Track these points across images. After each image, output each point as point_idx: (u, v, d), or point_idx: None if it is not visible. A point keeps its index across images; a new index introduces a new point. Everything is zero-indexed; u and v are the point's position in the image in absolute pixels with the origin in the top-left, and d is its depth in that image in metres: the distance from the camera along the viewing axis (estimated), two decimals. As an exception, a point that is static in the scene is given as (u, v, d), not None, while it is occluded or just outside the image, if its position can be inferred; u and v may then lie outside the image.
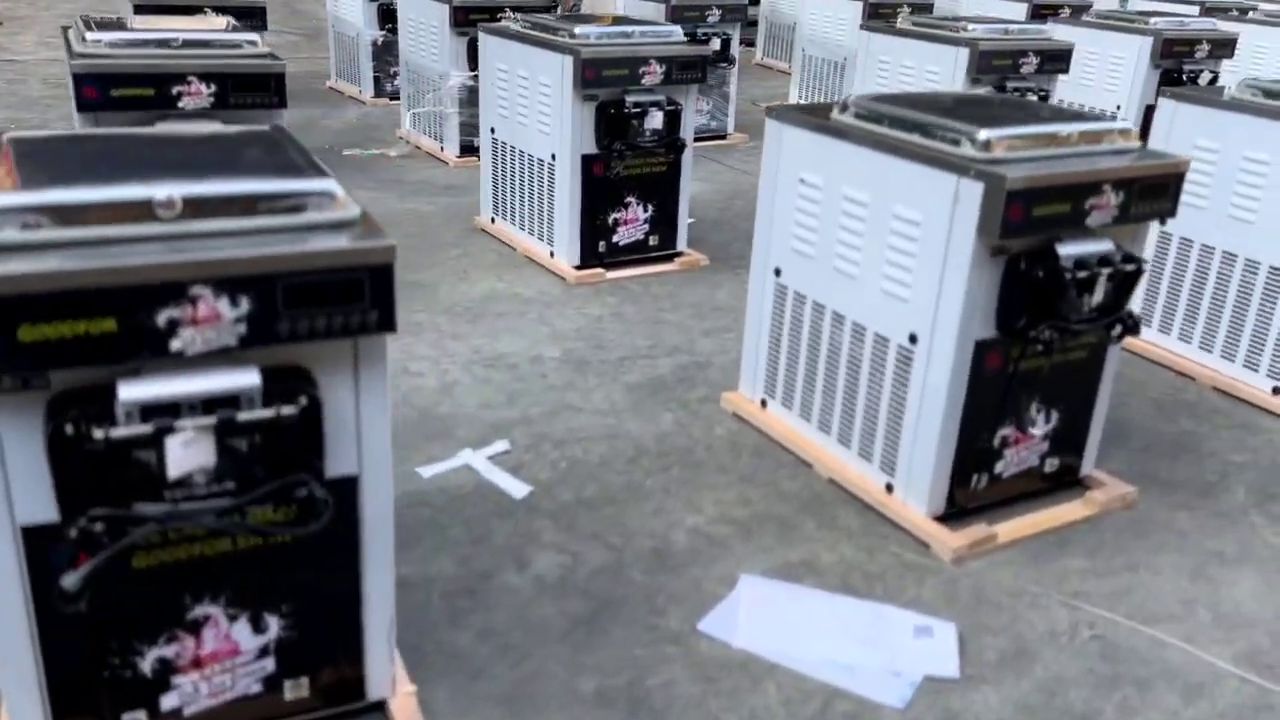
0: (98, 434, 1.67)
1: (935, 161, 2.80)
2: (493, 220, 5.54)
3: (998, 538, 2.98)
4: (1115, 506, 3.19)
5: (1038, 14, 9.06)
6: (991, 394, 2.93)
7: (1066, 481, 3.26)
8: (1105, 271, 2.81)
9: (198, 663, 2.01)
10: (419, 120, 7.25)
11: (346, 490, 2.01)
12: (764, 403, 3.61)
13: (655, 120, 4.78)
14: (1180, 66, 6.83)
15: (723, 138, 7.95)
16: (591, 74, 4.61)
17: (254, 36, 3.88)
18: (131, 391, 1.69)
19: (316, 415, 1.86)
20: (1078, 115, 3.03)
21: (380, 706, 2.23)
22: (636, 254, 5.08)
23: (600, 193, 4.90)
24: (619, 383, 3.86)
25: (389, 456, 2.04)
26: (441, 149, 7.07)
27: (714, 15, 7.54)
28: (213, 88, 3.74)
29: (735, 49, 7.78)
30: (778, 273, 3.45)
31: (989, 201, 2.66)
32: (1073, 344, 2.99)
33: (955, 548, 2.90)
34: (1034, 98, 5.65)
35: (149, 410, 1.70)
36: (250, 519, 1.89)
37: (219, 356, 1.74)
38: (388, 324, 1.86)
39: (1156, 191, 2.88)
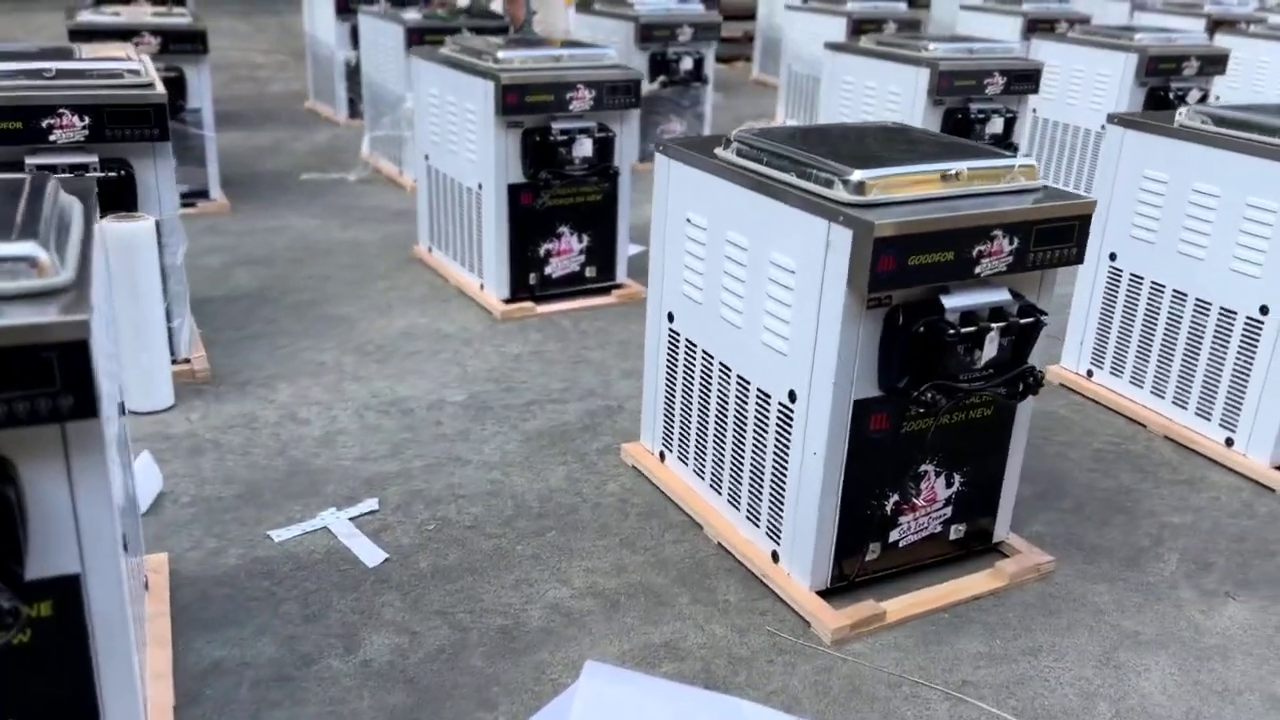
0: None
1: (808, 204, 2.54)
2: (430, 250, 5.33)
3: (886, 616, 2.70)
4: (1028, 578, 2.90)
5: (1034, 28, 8.78)
6: (879, 457, 2.65)
7: (977, 549, 2.97)
8: (997, 326, 2.53)
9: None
10: (378, 143, 7.05)
11: (66, 591, 1.78)
12: (662, 455, 3.35)
13: (585, 148, 4.54)
14: (1167, 84, 6.51)
15: None
16: (514, 100, 4.38)
17: (138, 65, 3.67)
18: None
19: (7, 512, 1.62)
20: (974, 151, 2.75)
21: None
22: (572, 286, 4.84)
23: (530, 223, 4.66)
24: (518, 431, 3.61)
25: (118, 549, 1.81)
26: (400, 173, 6.87)
27: (685, 34, 7.30)
28: (86, 120, 3.54)
29: (709, 68, 7.52)
30: (670, 318, 3.19)
31: (858, 250, 2.40)
32: (973, 401, 2.71)
33: (836, 628, 2.62)
34: (999, 120, 5.36)
35: None
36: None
37: None
38: (85, 409, 1.63)
39: (1059, 236, 2.60)
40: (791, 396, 2.69)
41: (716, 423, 3.02)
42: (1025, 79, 5.51)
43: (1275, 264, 3.36)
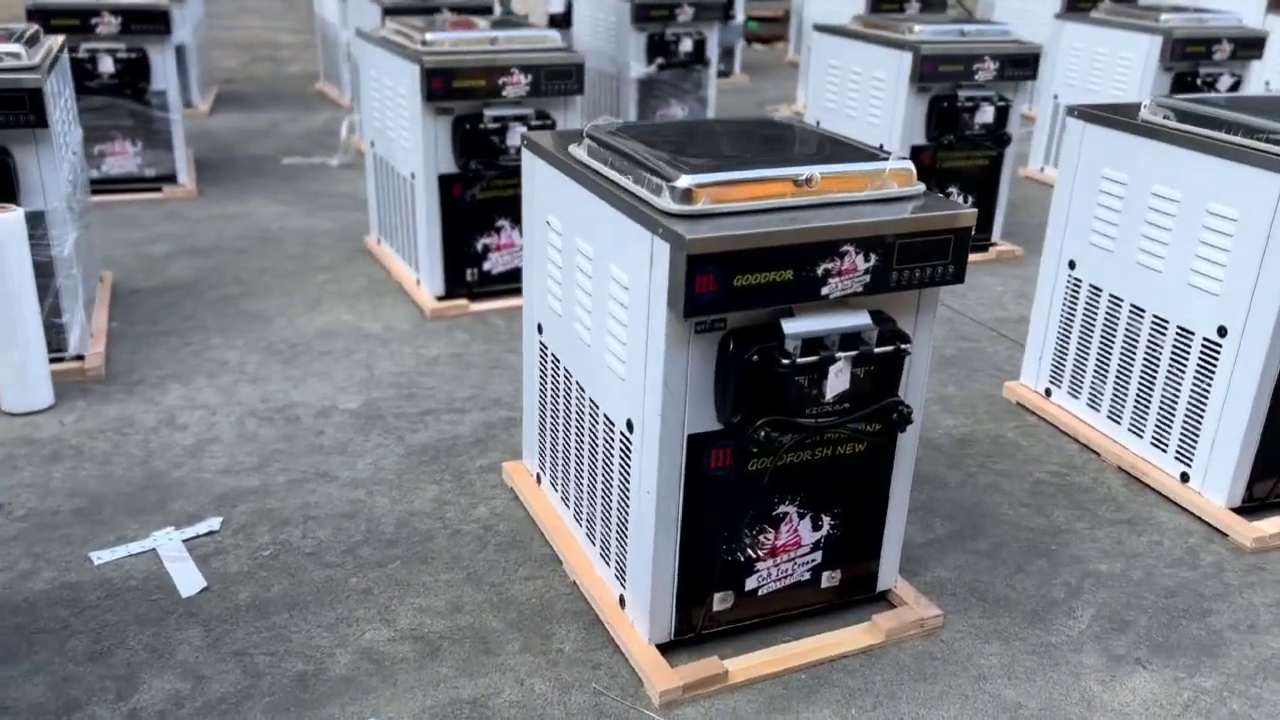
0: None
1: (635, 213, 2.23)
2: (379, 242, 5.10)
3: (729, 676, 2.40)
4: (908, 634, 2.57)
5: (1074, 7, 8.29)
6: (723, 497, 2.35)
7: (858, 599, 2.65)
8: (846, 355, 2.21)
9: None
10: (357, 127, 6.84)
11: None
12: (538, 478, 3.07)
13: (518, 137, 4.25)
14: (1195, 69, 6.04)
15: None
16: (439, 85, 4.12)
17: (18, 49, 3.47)
18: None
19: None
20: (844, 154, 2.41)
21: None
22: (514, 283, 4.56)
23: (465, 216, 4.40)
24: (402, 444, 3.36)
25: None
26: None
27: (685, 14, 6.95)
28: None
29: (712, 50, 7.17)
30: (540, 329, 2.91)
31: (675, 267, 2.09)
32: (837, 436, 2.38)
33: (666, 689, 2.33)
34: (990, 109, 4.96)
35: None
36: None
37: None
38: None
39: (930, 251, 2.26)
40: (630, 426, 2.39)
41: (576, 448, 2.74)
42: (1021, 64, 5.08)
43: (1235, 280, 2.96)
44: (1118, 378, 3.40)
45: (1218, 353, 3.03)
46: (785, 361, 2.16)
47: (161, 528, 2.90)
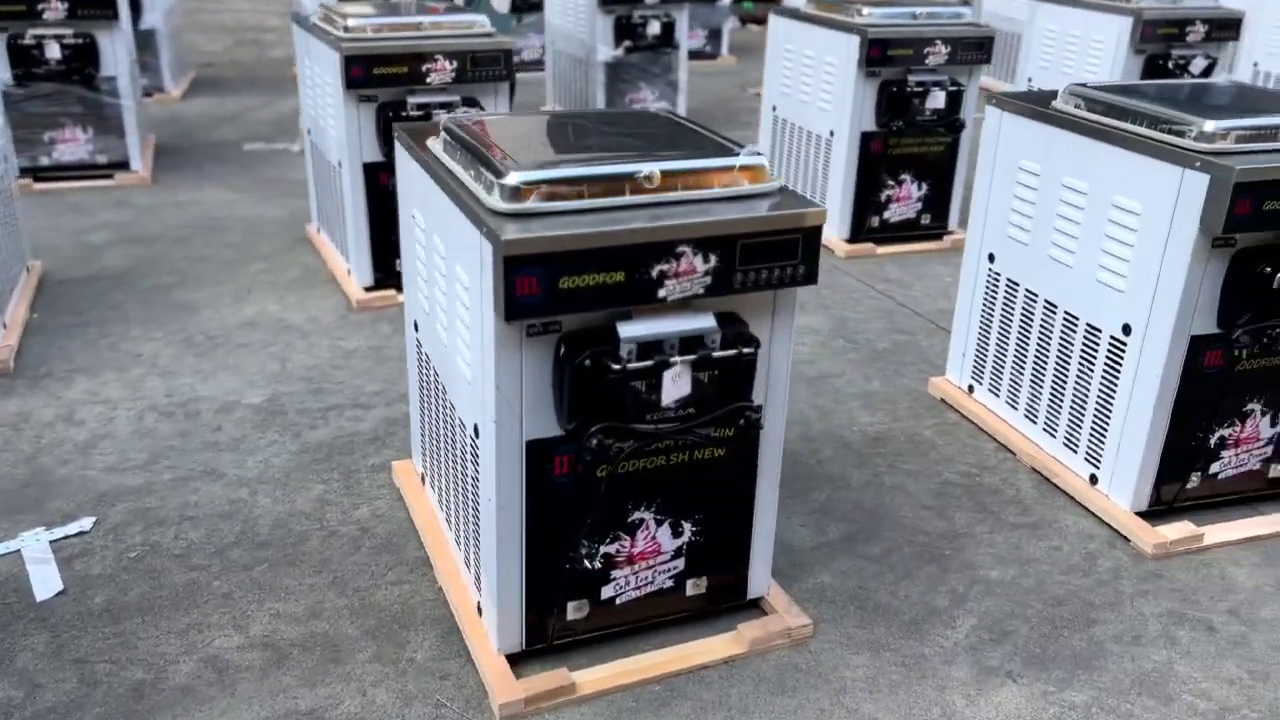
0: None
1: (469, 211, 2.15)
2: (318, 231, 5.04)
3: (577, 688, 2.33)
4: (775, 644, 2.49)
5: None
6: (569, 504, 2.28)
7: (726, 606, 2.57)
8: (684, 359, 2.12)
9: None
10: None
11: None
12: (424, 478, 3.01)
13: (443, 125, 4.16)
14: (1168, 51, 5.89)
15: None
16: (359, 72, 4.04)
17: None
18: None
19: None
20: (697, 150, 2.32)
21: None
22: (447, 273, 4.48)
23: (392, 205, 4.31)
24: (298, 441, 3.30)
25: None
26: None
27: (653, -4, 6.84)
28: None
29: (681, 33, 7.05)
30: (415, 326, 2.84)
31: (496, 270, 2.01)
32: (690, 441, 2.30)
33: (506, 702, 2.26)
34: (940, 94, 4.84)
35: None
36: None
37: None
38: None
39: (776, 251, 2.17)
40: (476, 431, 2.32)
41: (445, 449, 2.67)
42: (974, 47, 4.95)
43: (1138, 276, 2.85)
44: (1033, 375, 3.30)
45: (1123, 351, 2.92)
46: (616, 367, 2.08)
47: (32, 528, 2.84)
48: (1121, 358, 2.93)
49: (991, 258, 3.43)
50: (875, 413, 3.60)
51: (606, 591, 2.42)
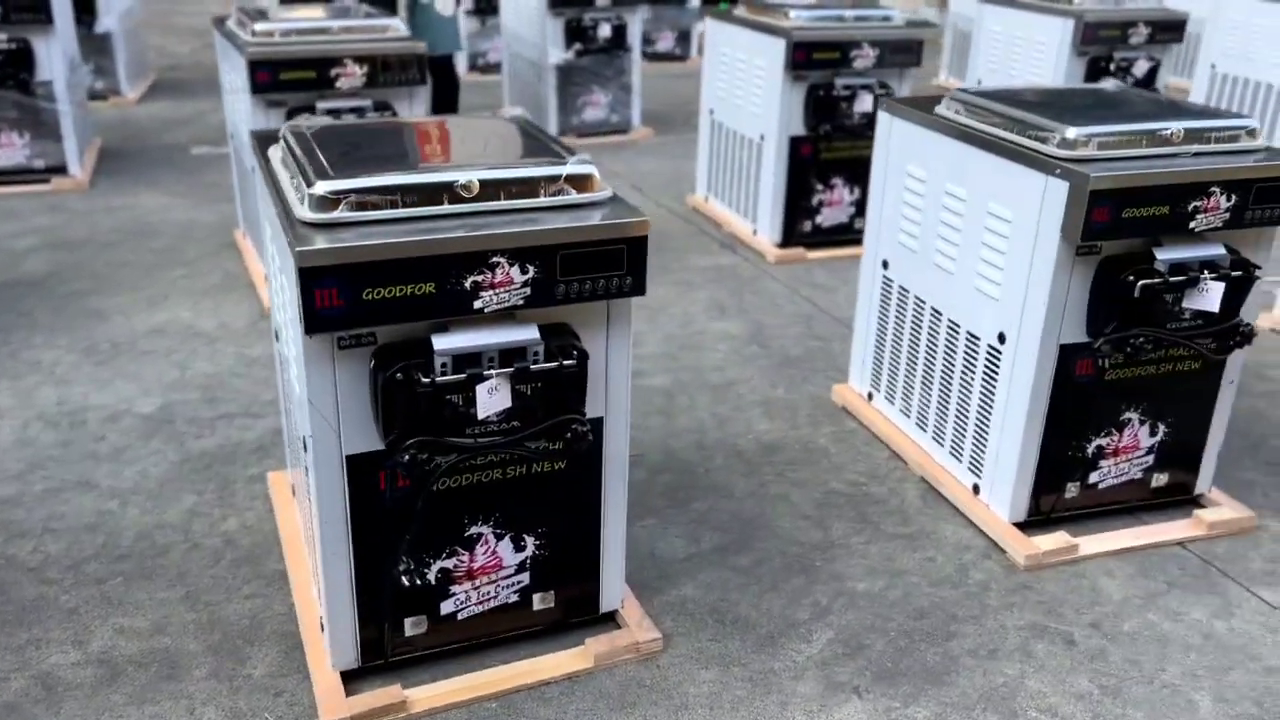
0: None
1: (281, 224, 2.11)
2: (244, 236, 5.01)
3: (409, 706, 2.30)
4: (622, 659, 2.45)
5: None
6: (400, 518, 2.24)
7: (581, 621, 2.54)
8: (497, 372, 2.09)
9: None
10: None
11: None
12: (294, 489, 2.97)
13: (353, 130, 4.12)
14: (1110, 54, 5.83)
15: (624, 132, 7.21)
16: (265, 77, 4.01)
17: None
18: None
19: None
20: (524, 158, 2.28)
21: None
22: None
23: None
24: (181, 451, 3.27)
25: None
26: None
27: (604, -1, 6.78)
28: None
29: (634, 36, 7.01)
30: (277, 336, 2.80)
31: (296, 282, 1.98)
32: (517, 455, 2.26)
33: (334, 720, 2.22)
34: (868, 97, 4.80)
35: None
36: None
37: None
38: None
39: (598, 263, 2.14)
40: (304, 444, 2.28)
41: (294, 459, 2.63)
42: (902, 50, 4.91)
43: (1011, 284, 2.81)
44: (923, 383, 3.25)
45: (999, 359, 2.88)
46: (425, 379, 2.04)
47: (-105, 540, 2.81)
48: (999, 366, 2.89)
49: (886, 264, 3.39)
50: (774, 420, 3.56)
51: (446, 607, 2.38)
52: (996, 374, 2.89)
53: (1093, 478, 2.92)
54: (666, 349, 4.07)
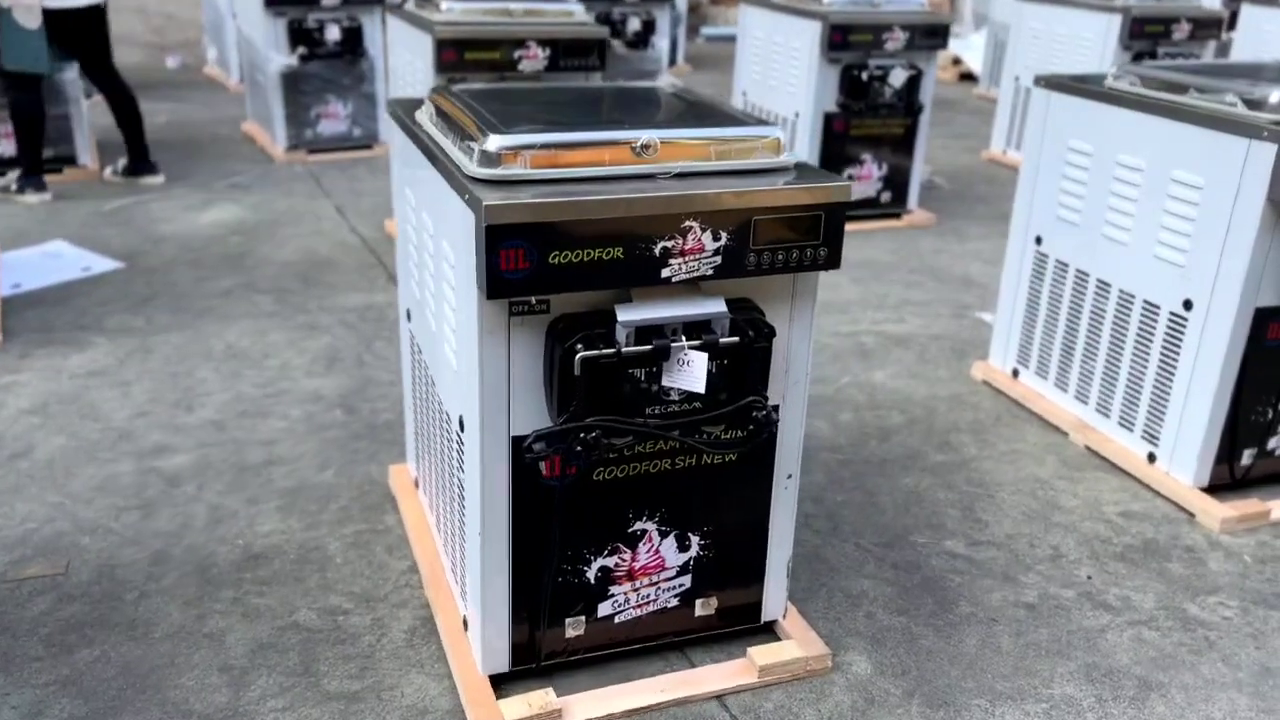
0: None
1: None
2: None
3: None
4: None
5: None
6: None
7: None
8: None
9: None
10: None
11: None
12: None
13: None
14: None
15: (369, 148, 6.39)
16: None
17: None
18: None
19: None
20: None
21: None
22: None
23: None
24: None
25: None
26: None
27: (334, -1, 6.00)
28: None
29: (372, 42, 6.16)
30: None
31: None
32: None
33: (488, 730, 2.02)
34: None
35: None
36: None
37: None
38: None
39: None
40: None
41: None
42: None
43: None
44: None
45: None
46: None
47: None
48: (1182, 333, 2.73)
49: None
50: (287, 518, 2.76)
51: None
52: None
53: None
54: (221, 415, 3.24)
